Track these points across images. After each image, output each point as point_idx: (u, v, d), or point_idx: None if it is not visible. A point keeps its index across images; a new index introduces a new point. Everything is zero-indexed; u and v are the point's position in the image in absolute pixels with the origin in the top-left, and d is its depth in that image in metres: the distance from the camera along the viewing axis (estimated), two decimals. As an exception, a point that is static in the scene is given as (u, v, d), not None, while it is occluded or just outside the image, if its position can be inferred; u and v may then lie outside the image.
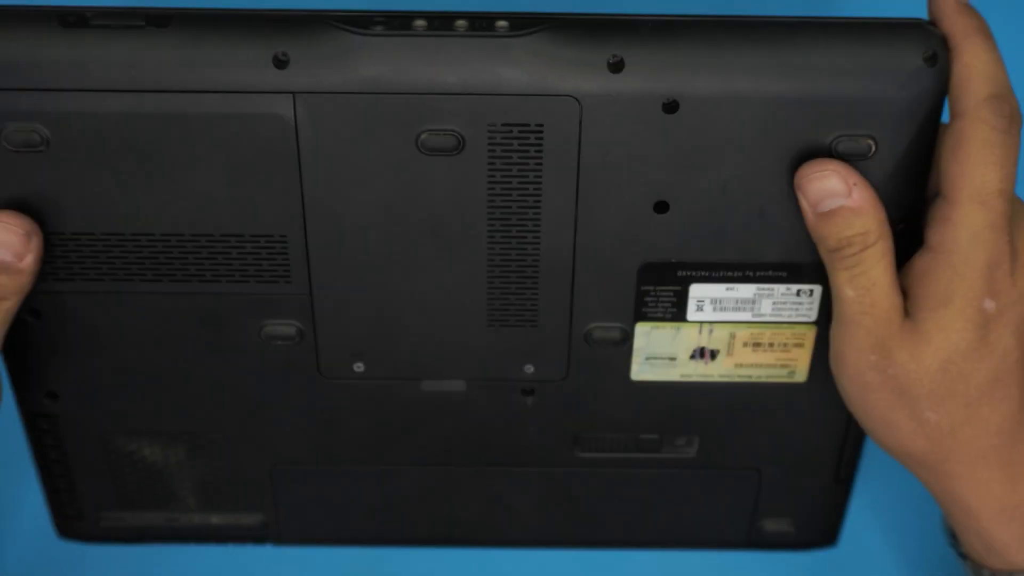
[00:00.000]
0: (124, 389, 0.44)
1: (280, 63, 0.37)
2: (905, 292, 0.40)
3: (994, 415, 0.40)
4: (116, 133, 0.38)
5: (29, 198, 0.40)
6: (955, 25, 0.38)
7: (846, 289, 0.39)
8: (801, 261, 0.41)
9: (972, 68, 0.37)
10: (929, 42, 0.38)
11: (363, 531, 0.49)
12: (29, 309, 0.42)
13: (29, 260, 0.40)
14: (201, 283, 0.41)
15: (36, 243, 0.40)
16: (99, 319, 0.42)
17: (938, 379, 0.39)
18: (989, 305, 0.38)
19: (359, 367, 0.43)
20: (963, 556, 0.44)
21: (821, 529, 0.49)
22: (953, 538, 0.45)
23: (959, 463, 0.41)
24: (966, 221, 0.38)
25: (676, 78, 0.38)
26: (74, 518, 0.48)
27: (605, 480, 0.47)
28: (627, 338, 0.43)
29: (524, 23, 0.38)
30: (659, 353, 0.43)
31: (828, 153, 0.39)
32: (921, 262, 0.39)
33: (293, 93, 0.38)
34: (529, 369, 0.43)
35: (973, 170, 0.38)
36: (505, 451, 0.46)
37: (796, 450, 0.46)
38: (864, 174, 0.39)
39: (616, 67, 0.38)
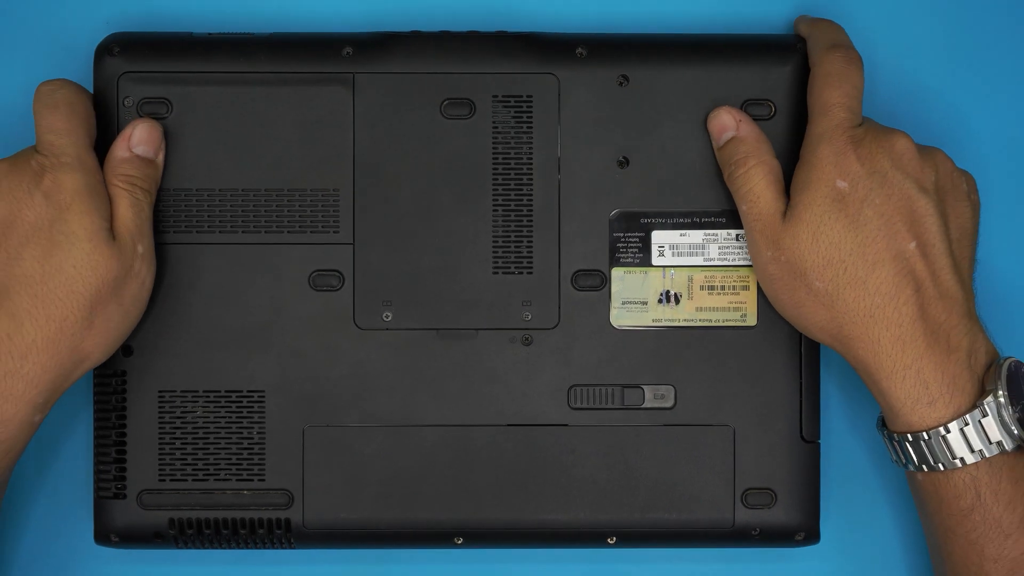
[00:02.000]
0: (188, 345, 0.54)
1: (346, 55, 0.52)
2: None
3: (871, 276, 0.49)
4: (221, 105, 0.52)
5: None
6: (808, 25, 0.54)
7: (741, 205, 0.51)
8: (734, 208, 0.52)
9: (817, 36, 0.53)
10: (799, 39, 0.54)
11: (379, 509, 0.55)
12: None
13: (161, 157, 0.53)
14: (267, 234, 0.53)
15: (164, 146, 0.53)
16: (180, 271, 0.53)
17: (815, 250, 0.49)
18: (841, 184, 0.50)
19: (388, 316, 0.54)
20: (884, 428, 0.51)
21: (801, 506, 0.54)
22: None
23: (852, 324, 0.49)
24: (816, 129, 0.51)
25: (627, 61, 0.52)
26: (117, 496, 0.54)
27: (597, 446, 0.54)
28: (605, 282, 0.53)
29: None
30: (632, 298, 0.53)
31: None
32: (795, 170, 0.51)
33: (353, 74, 0.52)
34: (527, 316, 0.53)
35: (819, 93, 0.51)
36: (511, 410, 0.54)
37: (760, 401, 0.53)
38: (768, 133, 0.52)
39: (583, 56, 0.52)
